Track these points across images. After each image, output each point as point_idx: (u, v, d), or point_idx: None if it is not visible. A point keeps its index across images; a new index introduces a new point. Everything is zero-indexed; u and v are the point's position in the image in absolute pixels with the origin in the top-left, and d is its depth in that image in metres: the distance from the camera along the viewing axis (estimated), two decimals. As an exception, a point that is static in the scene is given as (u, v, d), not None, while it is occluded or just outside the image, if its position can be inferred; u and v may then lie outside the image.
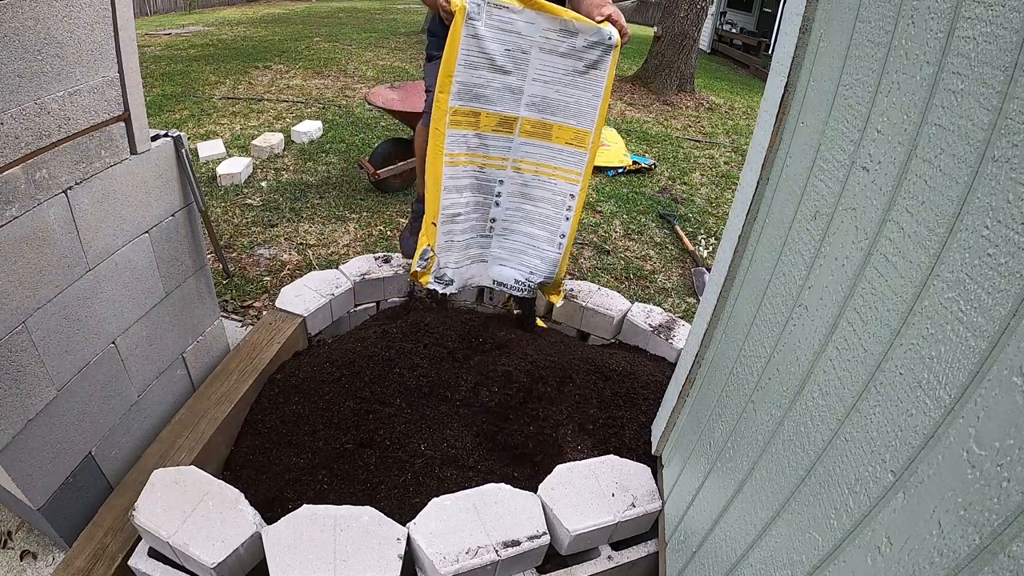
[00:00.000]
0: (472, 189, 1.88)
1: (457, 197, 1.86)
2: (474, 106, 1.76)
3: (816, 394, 0.78)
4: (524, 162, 1.88)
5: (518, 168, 1.88)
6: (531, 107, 1.80)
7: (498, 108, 1.78)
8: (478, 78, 1.72)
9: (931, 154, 0.60)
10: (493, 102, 1.77)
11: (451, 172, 1.82)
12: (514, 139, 1.84)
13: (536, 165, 1.88)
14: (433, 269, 1.91)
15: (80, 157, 1.25)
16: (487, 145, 1.83)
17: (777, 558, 0.80)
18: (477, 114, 1.77)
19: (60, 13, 1.11)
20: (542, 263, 1.99)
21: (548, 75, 1.76)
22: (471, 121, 1.78)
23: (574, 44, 1.72)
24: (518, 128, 1.83)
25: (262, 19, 10.88)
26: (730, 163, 4.90)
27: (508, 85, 1.75)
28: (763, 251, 1.05)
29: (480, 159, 1.84)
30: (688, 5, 6.64)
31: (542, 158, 1.87)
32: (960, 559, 0.48)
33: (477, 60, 1.69)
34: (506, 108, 1.79)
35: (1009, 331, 0.47)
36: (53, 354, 1.26)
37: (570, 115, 1.82)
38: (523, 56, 1.72)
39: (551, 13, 1.67)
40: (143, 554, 1.30)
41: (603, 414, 1.74)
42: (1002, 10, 0.51)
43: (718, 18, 12.82)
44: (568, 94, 1.79)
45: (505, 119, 1.80)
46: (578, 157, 1.87)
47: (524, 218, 1.97)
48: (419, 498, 1.47)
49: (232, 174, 3.56)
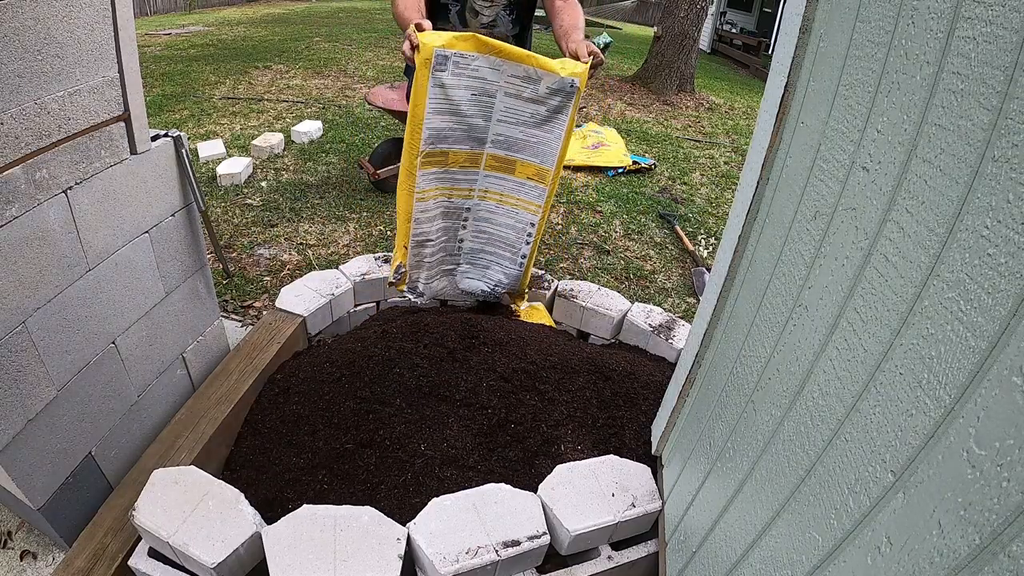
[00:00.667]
0: (441, 217, 2.00)
1: (427, 226, 1.99)
2: (443, 147, 1.84)
3: (816, 394, 0.78)
4: (489, 192, 2.00)
5: (484, 197, 2.01)
6: (496, 144, 1.89)
7: (465, 147, 1.87)
8: (446, 123, 1.79)
9: (931, 154, 0.60)
10: (460, 142, 1.86)
11: (421, 207, 1.93)
12: (479, 172, 1.95)
13: (500, 195, 2.00)
14: (407, 281, 2.07)
15: (80, 157, 1.25)
16: (455, 178, 1.94)
17: (777, 558, 0.80)
18: (445, 154, 1.86)
19: (60, 13, 1.11)
20: (505, 278, 2.16)
21: (512, 117, 1.84)
22: (440, 160, 1.87)
23: (537, 90, 1.78)
24: (483, 163, 1.93)
25: (262, 19, 10.88)
26: (730, 163, 4.90)
27: (474, 126, 1.83)
28: (763, 251, 1.05)
29: (448, 190, 1.96)
30: (688, 5, 6.64)
31: (505, 190, 1.99)
32: (960, 559, 0.48)
33: (445, 107, 1.76)
34: (473, 146, 1.88)
35: (1009, 331, 0.47)
36: (53, 354, 1.26)
37: (533, 154, 1.91)
38: (489, 100, 1.79)
39: (515, 60, 1.73)
40: (143, 554, 1.30)
41: (603, 414, 1.74)
42: (1002, 10, 0.51)
43: (718, 18, 12.82)
44: (531, 135, 1.88)
45: (472, 156, 1.90)
46: (539, 191, 1.98)
47: (489, 240, 2.11)
48: (419, 498, 1.46)
49: (232, 174, 3.56)
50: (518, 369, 1.81)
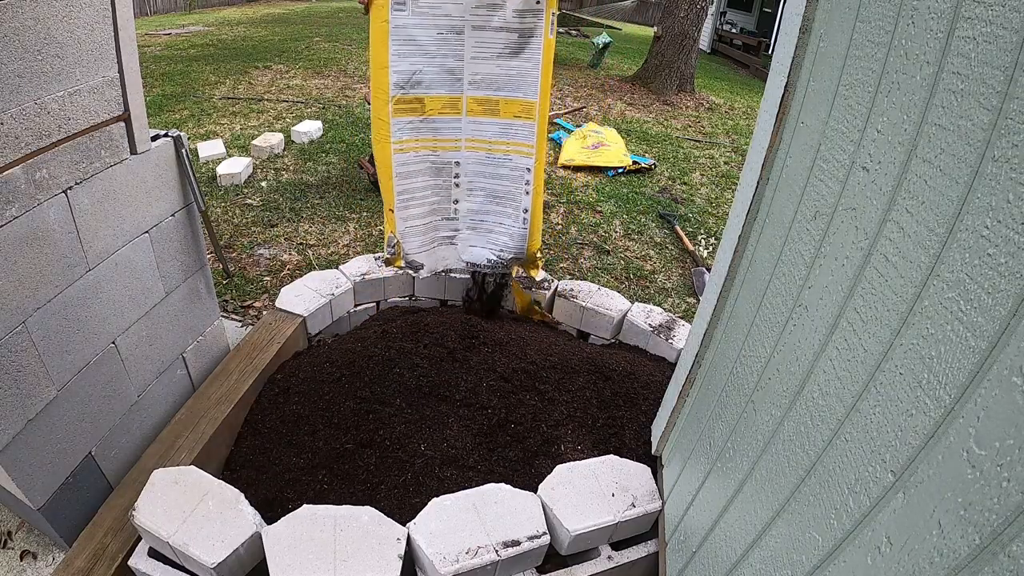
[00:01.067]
0: (428, 173, 1.89)
1: (411, 182, 1.87)
2: (416, 93, 1.75)
3: (816, 394, 0.78)
4: (477, 140, 1.88)
5: (472, 147, 1.89)
6: (474, 85, 1.79)
7: (441, 91, 1.78)
8: (415, 65, 1.71)
9: (931, 154, 0.60)
10: (435, 86, 1.76)
11: (401, 159, 1.83)
12: (462, 119, 1.85)
13: (489, 143, 1.88)
14: (402, 254, 1.95)
15: (80, 157, 1.25)
16: (437, 128, 1.83)
17: (777, 558, 0.80)
18: (421, 100, 1.77)
19: (60, 13, 1.11)
20: (510, 239, 2.00)
21: (485, 51, 1.75)
22: (415, 107, 1.78)
23: (504, 16, 1.70)
24: (464, 108, 1.82)
25: (262, 19, 10.88)
26: (730, 163, 4.90)
27: (448, 68, 1.75)
28: (763, 251, 1.05)
29: (431, 143, 1.85)
30: (688, 5, 6.64)
31: (494, 135, 1.87)
32: (960, 559, 0.48)
33: (410, 49, 1.69)
34: (450, 90, 1.78)
35: (1009, 331, 0.47)
36: (53, 354, 1.26)
37: (515, 88, 1.81)
38: (458, 38, 1.71)
39: None
40: (143, 554, 1.30)
41: (603, 414, 1.74)
42: (1002, 10, 0.51)
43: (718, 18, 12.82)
44: (509, 67, 1.78)
45: (451, 101, 1.80)
46: (528, 129, 1.85)
47: (487, 197, 1.97)
48: (419, 498, 1.46)
49: (232, 174, 3.56)
50: (518, 369, 1.81)
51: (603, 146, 4.58)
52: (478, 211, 2.01)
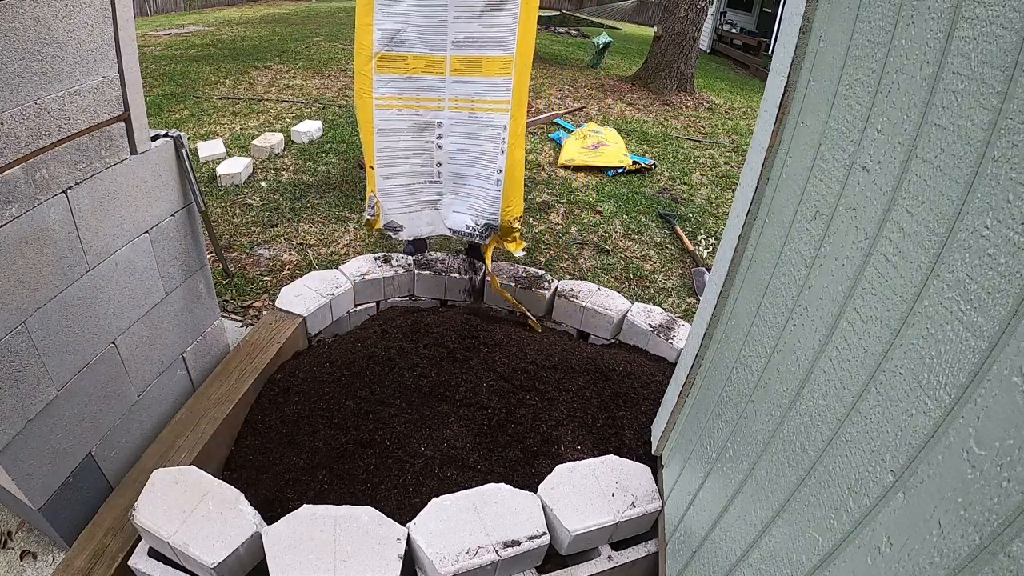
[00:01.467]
0: (410, 132, 1.91)
1: (393, 140, 1.89)
2: (400, 50, 1.78)
3: (816, 394, 0.78)
4: (459, 100, 1.89)
5: (455, 106, 1.90)
6: (458, 45, 1.81)
7: (425, 51, 1.80)
8: (398, 24, 1.74)
9: (931, 154, 0.60)
10: (418, 44, 1.79)
11: (383, 115, 1.85)
12: (446, 79, 1.86)
13: (471, 102, 1.89)
14: (381, 215, 1.96)
15: (80, 157, 1.25)
16: (420, 87, 1.85)
17: (777, 558, 0.80)
18: (404, 58, 1.80)
19: (60, 13, 1.11)
20: (485, 203, 2.00)
21: (468, 10, 1.77)
22: (398, 66, 1.81)
23: None
24: (448, 67, 1.84)
25: (262, 19, 10.88)
26: (730, 163, 4.90)
27: (432, 27, 1.77)
28: (763, 251, 1.05)
29: (414, 101, 1.87)
30: (688, 5, 6.64)
31: (476, 93, 1.88)
32: (960, 559, 0.48)
33: (394, 6, 1.72)
34: (433, 50, 1.80)
35: (1009, 331, 0.47)
36: (53, 354, 1.26)
37: (496, 45, 1.82)
38: None
39: None
40: (143, 554, 1.30)
41: (603, 414, 1.74)
42: (1002, 10, 0.51)
43: (718, 18, 12.82)
44: (490, 25, 1.79)
45: (434, 61, 1.82)
46: (505, 85, 1.86)
47: (468, 159, 1.98)
48: (419, 498, 1.47)
49: (232, 174, 3.56)
50: (518, 369, 1.81)
51: (603, 146, 4.58)
52: (460, 175, 2.01)
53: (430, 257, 2.36)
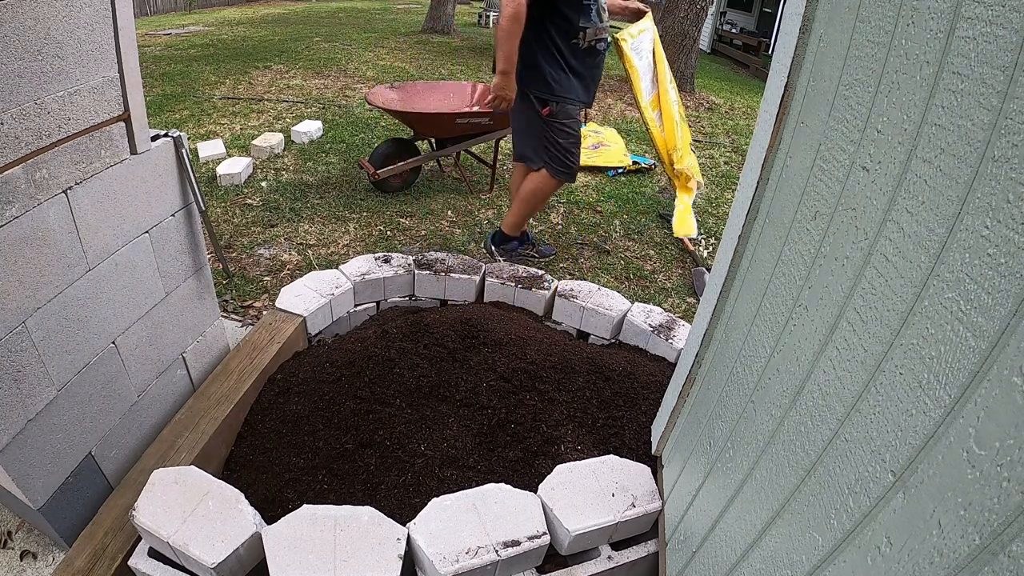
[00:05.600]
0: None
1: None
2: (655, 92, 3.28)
3: (816, 394, 0.78)
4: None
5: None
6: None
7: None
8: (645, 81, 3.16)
9: (931, 154, 0.60)
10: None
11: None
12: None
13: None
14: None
15: (80, 157, 1.25)
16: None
17: (777, 558, 0.80)
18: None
19: (60, 13, 1.11)
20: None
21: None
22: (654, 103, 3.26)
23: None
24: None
25: (262, 19, 10.88)
26: (730, 163, 4.90)
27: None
28: (763, 251, 1.05)
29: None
30: (688, 5, 6.64)
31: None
32: (960, 559, 0.48)
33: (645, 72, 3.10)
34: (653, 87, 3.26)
35: (1009, 331, 0.47)
36: (53, 354, 1.26)
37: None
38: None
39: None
40: (143, 554, 1.30)
41: (603, 414, 1.74)
42: (1002, 10, 0.51)
43: (718, 18, 12.82)
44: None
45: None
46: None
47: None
48: (419, 498, 1.47)
49: (232, 174, 3.56)
50: (518, 369, 1.81)
51: (603, 146, 4.58)
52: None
53: (430, 257, 2.37)
